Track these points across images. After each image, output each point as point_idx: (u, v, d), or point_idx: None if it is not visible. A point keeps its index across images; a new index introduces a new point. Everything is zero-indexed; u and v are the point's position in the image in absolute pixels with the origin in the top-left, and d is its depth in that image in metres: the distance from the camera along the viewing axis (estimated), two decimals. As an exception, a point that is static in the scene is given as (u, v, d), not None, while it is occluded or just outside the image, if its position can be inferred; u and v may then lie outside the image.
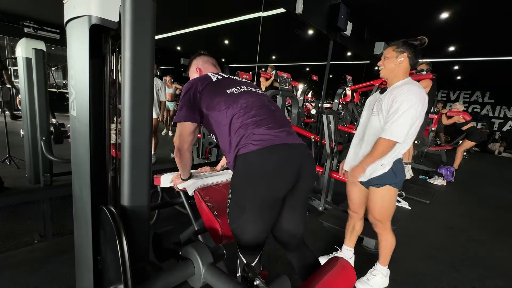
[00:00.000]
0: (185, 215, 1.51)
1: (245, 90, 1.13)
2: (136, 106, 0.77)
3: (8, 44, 7.03)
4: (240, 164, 1.00)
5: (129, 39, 0.72)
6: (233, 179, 1.04)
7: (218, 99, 1.08)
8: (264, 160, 0.96)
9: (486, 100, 10.44)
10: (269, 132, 1.00)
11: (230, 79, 1.21)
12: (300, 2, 3.60)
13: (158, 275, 0.80)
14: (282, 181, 0.99)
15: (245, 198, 0.99)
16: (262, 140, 0.97)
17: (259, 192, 0.97)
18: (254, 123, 1.02)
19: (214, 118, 1.08)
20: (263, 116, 1.05)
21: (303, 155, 1.05)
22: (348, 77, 4.57)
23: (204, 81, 1.14)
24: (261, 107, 1.08)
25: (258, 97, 1.13)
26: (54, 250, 1.79)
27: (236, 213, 1.03)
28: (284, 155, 0.98)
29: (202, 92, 1.11)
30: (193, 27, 6.60)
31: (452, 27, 5.16)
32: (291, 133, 1.07)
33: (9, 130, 2.97)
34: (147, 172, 0.85)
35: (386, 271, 1.70)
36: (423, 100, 1.34)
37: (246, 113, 1.04)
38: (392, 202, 1.54)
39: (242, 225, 1.02)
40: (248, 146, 0.97)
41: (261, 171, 0.96)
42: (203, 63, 1.37)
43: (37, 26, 3.46)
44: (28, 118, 2.47)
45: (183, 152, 1.20)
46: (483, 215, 3.20)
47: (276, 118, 1.07)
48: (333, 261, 1.09)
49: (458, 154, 5.07)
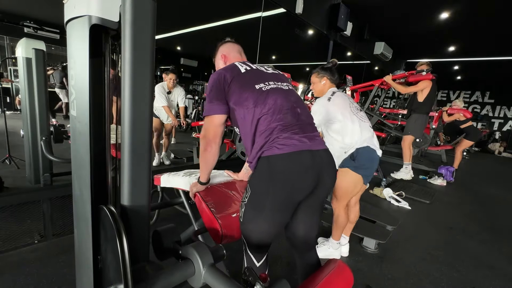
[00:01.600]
0: (185, 215, 1.51)
1: (273, 88, 1.10)
2: (136, 106, 0.77)
3: (8, 44, 7.02)
4: (263, 166, 1.01)
5: (129, 39, 0.72)
6: (254, 179, 1.05)
7: (247, 95, 1.05)
8: (287, 165, 0.97)
9: (486, 100, 10.43)
10: (294, 136, 1.01)
11: (258, 71, 1.17)
12: (300, 2, 3.61)
13: (158, 275, 0.80)
14: (303, 185, 1.01)
15: (264, 199, 1.00)
16: (286, 145, 0.98)
17: (280, 194, 0.99)
18: (280, 127, 1.02)
19: (240, 114, 1.07)
20: (289, 121, 1.04)
21: (325, 161, 1.06)
22: (348, 77, 4.58)
23: (233, 72, 1.10)
24: (288, 110, 1.07)
25: (285, 96, 1.10)
26: (54, 250, 1.79)
27: (252, 212, 1.04)
28: (307, 161, 1.00)
29: (230, 85, 1.07)
30: (193, 27, 6.60)
31: (452, 27, 5.16)
32: (314, 138, 1.07)
33: (9, 130, 2.97)
34: (147, 172, 0.85)
35: (336, 245, 1.93)
36: (325, 105, 1.72)
37: (274, 116, 1.03)
38: (347, 184, 1.72)
39: (257, 225, 1.04)
40: (273, 149, 0.99)
41: (283, 174, 0.98)
42: (228, 51, 1.30)
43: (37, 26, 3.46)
44: (28, 118, 2.47)
45: (212, 147, 1.13)
46: (483, 215, 3.20)
47: (301, 122, 1.07)
48: (331, 264, 1.09)
49: (457, 154, 5.07)
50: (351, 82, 4.60)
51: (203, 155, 1.16)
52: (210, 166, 1.20)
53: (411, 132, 3.71)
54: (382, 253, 2.11)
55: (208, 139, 1.12)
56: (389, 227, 2.42)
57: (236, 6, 5.03)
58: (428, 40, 6.18)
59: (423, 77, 3.51)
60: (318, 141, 1.08)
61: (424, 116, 3.65)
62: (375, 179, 4.06)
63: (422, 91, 3.55)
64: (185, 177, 1.46)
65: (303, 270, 1.23)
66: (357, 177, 1.69)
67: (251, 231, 1.06)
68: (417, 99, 3.62)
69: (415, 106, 3.67)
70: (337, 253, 1.95)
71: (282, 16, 4.51)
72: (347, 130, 1.67)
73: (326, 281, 0.99)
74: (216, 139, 1.13)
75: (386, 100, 12.50)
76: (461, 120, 4.99)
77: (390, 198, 3.32)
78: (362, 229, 2.26)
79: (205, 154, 1.15)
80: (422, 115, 3.64)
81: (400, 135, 4.42)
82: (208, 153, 1.15)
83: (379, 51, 5.94)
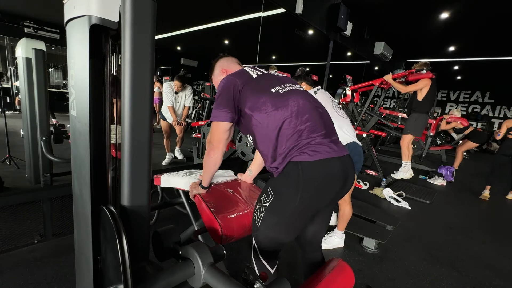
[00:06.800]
0: (185, 215, 1.51)
1: (290, 89, 1.07)
2: (136, 106, 0.77)
3: (8, 44, 7.02)
4: (292, 171, 0.96)
5: (129, 39, 0.72)
6: (279, 183, 1.00)
7: (264, 99, 1.01)
8: (320, 173, 0.95)
9: (486, 100, 10.44)
10: (324, 141, 0.98)
11: (270, 74, 1.14)
12: (300, 2, 3.60)
13: (158, 275, 0.80)
14: (331, 193, 1.00)
15: (291, 205, 0.96)
16: (317, 151, 0.96)
17: (309, 203, 0.97)
18: (309, 130, 0.99)
19: (258, 119, 1.02)
20: (316, 122, 1.01)
21: (350, 167, 1.04)
22: (348, 77, 4.58)
23: (243, 77, 1.07)
24: (312, 111, 1.03)
25: (305, 98, 1.07)
26: (54, 250, 1.79)
27: (274, 218, 0.99)
28: (337, 170, 0.98)
29: (242, 91, 1.04)
30: (193, 27, 6.60)
31: (452, 27, 5.16)
32: (338, 142, 1.05)
33: (9, 130, 2.97)
34: (147, 172, 0.85)
35: (341, 235, 2.12)
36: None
37: (299, 118, 0.99)
38: None
39: (279, 232, 1.00)
40: (304, 155, 0.95)
41: (316, 182, 0.95)
42: (228, 64, 1.27)
43: (37, 26, 3.46)
44: (28, 118, 2.47)
45: (216, 152, 1.12)
46: (483, 215, 3.20)
47: (326, 124, 1.05)
48: (332, 263, 1.09)
49: (458, 154, 5.08)
50: (351, 82, 4.59)
51: (206, 158, 1.16)
52: (211, 171, 1.20)
53: (411, 131, 3.71)
54: (382, 253, 2.11)
55: (212, 144, 1.12)
56: (389, 227, 2.42)
57: (236, 6, 5.03)
58: (428, 40, 6.19)
59: (423, 76, 3.51)
60: (341, 145, 1.07)
61: (424, 115, 3.65)
62: (375, 179, 4.07)
63: (422, 90, 3.56)
64: (185, 177, 1.46)
65: (307, 268, 1.23)
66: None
67: (271, 238, 1.02)
68: (417, 98, 3.62)
69: (415, 105, 3.67)
70: (342, 242, 2.13)
71: (282, 16, 4.52)
72: None
73: (328, 280, 0.99)
74: (220, 144, 1.11)
75: (386, 100, 12.51)
76: (459, 128, 5.05)
77: (390, 198, 3.32)
78: (362, 229, 2.26)
79: (208, 158, 1.15)
80: (422, 114, 3.64)
81: (400, 135, 4.43)
82: (210, 158, 1.15)
83: (379, 51, 5.94)
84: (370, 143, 4.35)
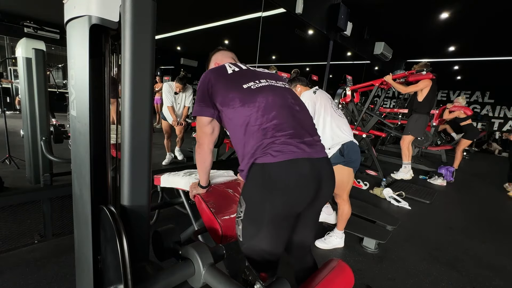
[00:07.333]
0: (185, 215, 1.51)
1: (265, 85, 1.01)
2: (136, 106, 0.77)
3: (8, 44, 7.02)
4: (256, 174, 0.92)
5: (129, 39, 0.72)
6: (247, 190, 0.95)
7: (233, 94, 0.97)
8: (284, 174, 0.88)
9: (486, 100, 10.43)
10: (291, 141, 0.91)
11: (248, 70, 1.09)
12: (300, 2, 3.60)
13: (158, 275, 0.80)
14: (301, 197, 0.93)
15: (262, 211, 0.91)
16: (282, 151, 0.89)
17: (278, 206, 0.90)
18: (274, 128, 0.92)
19: (228, 115, 0.99)
20: (285, 119, 0.94)
21: (325, 171, 0.98)
22: (348, 77, 4.58)
23: (218, 72, 1.04)
24: (282, 108, 0.97)
25: (279, 93, 1.01)
26: (54, 250, 1.79)
27: (252, 228, 0.94)
28: (305, 172, 0.91)
29: (214, 85, 1.01)
30: (193, 27, 6.60)
31: (452, 27, 5.16)
32: (313, 143, 0.98)
33: (9, 130, 2.97)
34: (147, 172, 0.85)
35: (341, 235, 2.11)
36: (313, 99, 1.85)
37: (265, 115, 0.93)
38: (345, 179, 1.89)
39: (261, 241, 0.94)
40: (267, 156, 0.89)
41: (280, 185, 0.88)
42: (222, 58, 1.26)
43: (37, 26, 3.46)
44: (28, 118, 2.47)
45: (202, 148, 1.12)
46: (483, 215, 3.20)
47: (299, 123, 0.98)
48: (331, 263, 1.09)
49: (457, 154, 5.08)
50: (351, 82, 4.59)
51: (195, 156, 1.17)
52: (202, 169, 1.19)
53: (411, 132, 3.71)
54: (382, 253, 2.11)
55: (197, 141, 1.13)
56: (389, 227, 2.42)
57: (236, 6, 5.02)
58: (428, 40, 6.19)
59: (423, 77, 3.52)
60: (318, 147, 0.99)
61: (425, 116, 3.66)
62: (375, 179, 4.07)
63: (422, 90, 3.56)
64: (185, 177, 1.46)
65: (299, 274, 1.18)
66: (349, 171, 1.88)
67: (257, 251, 0.96)
68: (417, 98, 3.63)
69: (415, 106, 3.68)
70: (342, 241, 2.11)
71: (282, 16, 4.51)
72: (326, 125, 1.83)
73: (327, 280, 0.99)
74: (202, 140, 1.11)
75: (386, 100, 12.50)
76: (461, 118, 5.00)
77: (390, 198, 3.31)
78: (362, 229, 2.26)
79: (196, 156, 1.16)
80: (422, 115, 3.65)
81: (400, 135, 4.42)
82: (198, 155, 1.15)
83: (379, 51, 5.94)
84: (370, 143, 4.35)
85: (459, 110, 4.89)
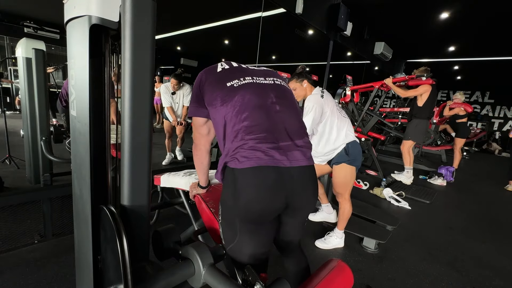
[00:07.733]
0: (185, 215, 1.51)
1: (247, 83, 0.95)
2: (136, 106, 0.77)
3: (8, 44, 7.02)
4: (227, 178, 0.91)
5: (129, 39, 0.72)
6: (222, 193, 0.94)
7: (217, 93, 0.94)
8: (246, 182, 0.85)
9: (486, 100, 10.43)
10: (260, 147, 0.85)
11: (239, 68, 1.03)
12: (300, 2, 3.60)
13: (158, 275, 0.80)
14: (267, 207, 0.88)
15: (234, 217, 0.90)
16: (248, 157, 0.84)
17: (244, 214, 0.88)
18: (245, 130, 0.87)
19: (212, 115, 0.98)
20: (256, 121, 0.88)
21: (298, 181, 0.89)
22: (348, 77, 4.58)
23: (209, 72, 1.02)
24: (256, 108, 0.90)
25: (260, 92, 0.95)
26: (54, 250, 1.79)
27: (229, 232, 0.94)
28: (268, 182, 0.84)
29: (204, 85, 0.99)
30: (193, 27, 6.60)
31: (452, 27, 5.16)
32: (291, 148, 0.90)
33: (9, 130, 2.97)
34: (147, 172, 0.85)
35: (341, 234, 2.11)
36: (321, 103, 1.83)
37: (238, 115, 0.89)
38: (348, 177, 1.92)
39: (240, 245, 0.92)
40: (234, 161, 0.86)
41: (243, 193, 0.85)
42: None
43: (37, 26, 3.46)
44: (28, 118, 2.47)
45: (199, 149, 1.11)
46: (483, 215, 3.20)
47: (275, 125, 0.90)
48: (331, 263, 1.09)
49: (456, 154, 5.09)
50: (351, 82, 4.59)
51: (194, 157, 1.17)
52: (200, 169, 1.19)
53: (412, 137, 3.73)
54: (382, 253, 2.11)
55: (196, 143, 1.12)
56: (389, 227, 2.42)
57: (236, 6, 5.02)
58: (428, 40, 6.18)
59: (423, 82, 3.53)
60: (298, 153, 0.90)
61: (425, 121, 3.67)
62: (375, 179, 4.06)
63: (422, 95, 3.57)
64: (185, 177, 1.46)
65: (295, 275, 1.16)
66: (352, 169, 1.91)
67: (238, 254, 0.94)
68: (417, 104, 3.63)
69: (415, 111, 3.69)
70: (342, 241, 2.11)
71: (282, 16, 4.52)
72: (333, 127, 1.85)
73: (327, 281, 0.99)
74: (198, 140, 1.10)
75: (386, 100, 12.50)
76: (460, 115, 5.00)
77: (390, 198, 3.31)
78: (362, 229, 2.26)
79: (194, 156, 1.16)
80: (422, 120, 3.66)
81: (400, 136, 4.42)
82: (195, 156, 1.15)
83: (379, 51, 5.93)
84: (370, 144, 4.35)
85: (459, 107, 4.89)
